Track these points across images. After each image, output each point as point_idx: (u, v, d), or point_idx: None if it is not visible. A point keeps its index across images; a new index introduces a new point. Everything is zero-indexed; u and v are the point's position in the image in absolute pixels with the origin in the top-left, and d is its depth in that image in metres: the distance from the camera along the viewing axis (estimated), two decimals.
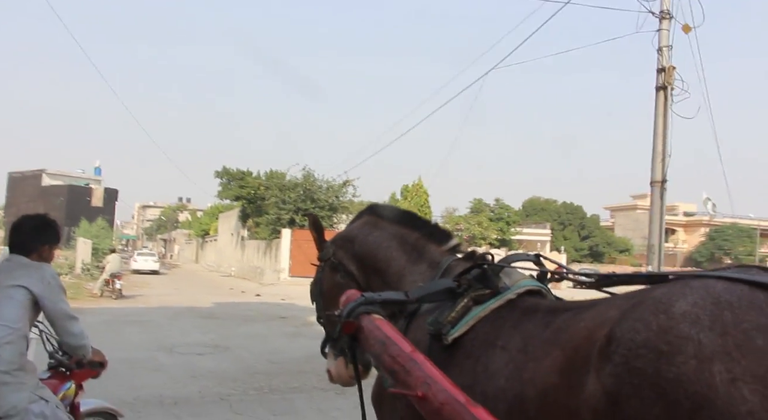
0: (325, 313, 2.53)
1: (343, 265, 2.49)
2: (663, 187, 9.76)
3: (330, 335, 2.47)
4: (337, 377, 2.42)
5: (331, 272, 2.53)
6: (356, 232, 2.55)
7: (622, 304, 1.28)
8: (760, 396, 0.95)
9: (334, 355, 2.43)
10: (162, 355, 9.24)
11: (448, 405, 1.18)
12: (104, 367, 3.23)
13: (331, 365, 2.45)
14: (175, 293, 21.76)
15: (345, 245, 2.54)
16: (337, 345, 2.41)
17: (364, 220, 2.59)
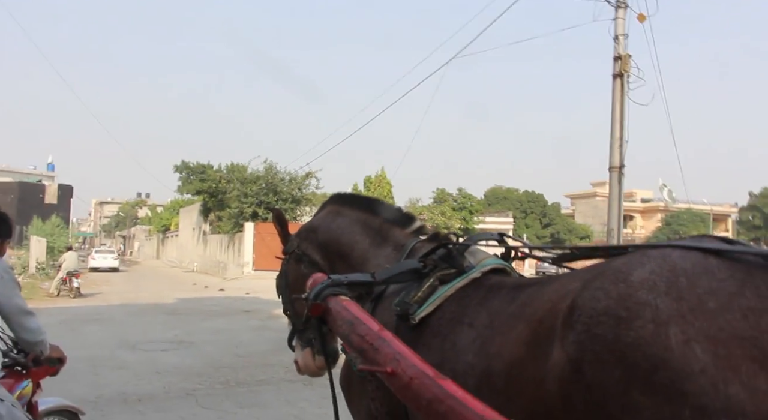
0: (291, 305, 2.53)
1: (307, 256, 2.49)
2: (621, 172, 10.03)
3: (296, 327, 2.47)
4: (304, 368, 2.42)
5: (296, 264, 2.53)
6: (319, 221, 2.57)
7: (584, 276, 1.32)
8: (711, 354, 0.99)
9: (301, 347, 2.44)
10: (124, 353, 9.07)
11: (416, 379, 1.19)
12: (63, 364, 3.15)
13: (299, 356, 2.45)
14: (137, 290, 21.33)
15: (309, 236, 2.55)
16: (304, 336, 2.42)
17: (327, 209, 2.60)
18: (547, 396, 1.25)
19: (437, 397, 1.12)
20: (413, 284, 1.83)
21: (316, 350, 2.32)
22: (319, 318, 1.69)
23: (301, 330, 2.44)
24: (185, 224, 45.25)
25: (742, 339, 0.98)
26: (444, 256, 1.85)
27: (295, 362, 2.49)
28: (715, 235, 1.24)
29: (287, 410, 6.08)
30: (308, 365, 2.40)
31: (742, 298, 1.03)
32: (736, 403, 0.94)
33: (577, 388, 1.16)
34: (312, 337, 2.32)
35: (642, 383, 1.04)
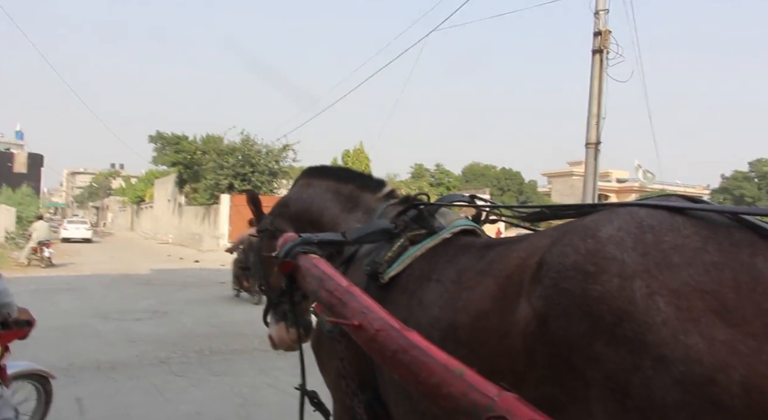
0: (265, 281, 2.56)
1: (280, 232, 2.50)
2: (597, 148, 10.13)
3: (271, 301, 2.49)
4: (279, 342, 2.44)
5: (270, 241, 2.54)
6: (290, 195, 2.60)
7: (553, 234, 1.34)
8: (673, 307, 1.01)
9: (275, 321, 2.46)
10: (97, 322, 9.00)
11: (383, 331, 1.21)
12: (32, 326, 3.11)
13: (273, 331, 2.47)
14: (110, 261, 21.10)
15: (281, 211, 2.58)
16: (278, 310, 2.44)
17: (298, 184, 2.63)
18: (511, 350, 1.27)
19: (402, 347, 1.14)
20: (384, 244, 1.84)
21: (289, 322, 2.35)
22: (289, 276, 1.70)
23: (276, 304, 2.46)
24: (160, 196, 44.66)
25: (704, 292, 1.01)
26: (415, 217, 1.86)
27: (269, 338, 2.51)
28: (681, 194, 1.26)
29: (261, 379, 6.12)
30: (282, 339, 2.42)
31: (705, 254, 1.06)
32: (694, 353, 0.97)
33: (541, 342, 1.19)
34: (286, 308, 2.34)
35: (606, 335, 1.06)
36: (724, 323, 0.98)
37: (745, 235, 1.07)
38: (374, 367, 1.79)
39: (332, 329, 1.77)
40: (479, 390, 0.97)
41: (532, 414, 0.89)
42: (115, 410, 4.98)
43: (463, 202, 1.99)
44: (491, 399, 0.94)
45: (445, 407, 1.01)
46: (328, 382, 2.08)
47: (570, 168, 65.11)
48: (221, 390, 5.66)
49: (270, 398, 5.46)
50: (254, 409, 5.11)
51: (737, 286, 1.00)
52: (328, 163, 18.53)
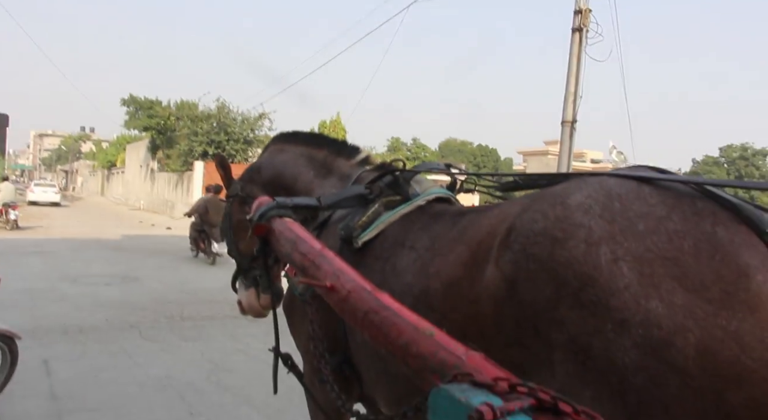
0: (235, 246, 2.55)
1: (251, 198, 2.48)
2: (573, 127, 10.24)
3: (241, 267, 2.48)
4: (248, 308, 2.45)
5: (240, 206, 2.53)
6: (262, 160, 2.57)
7: (524, 201, 1.36)
8: (636, 272, 1.05)
9: (245, 287, 2.46)
10: (65, 286, 8.89)
11: (354, 292, 1.22)
12: None
13: (242, 297, 2.47)
14: (79, 225, 20.75)
15: (253, 177, 2.55)
16: (249, 276, 2.43)
17: (270, 149, 2.60)
18: (480, 314, 1.30)
19: (373, 308, 1.16)
20: (358, 210, 1.85)
21: (261, 289, 2.35)
22: (263, 239, 1.70)
23: (246, 270, 2.45)
24: (132, 161, 43.88)
25: (666, 259, 1.04)
26: (390, 183, 1.87)
27: (238, 303, 2.52)
28: (650, 165, 1.29)
29: (232, 345, 6.15)
30: (252, 305, 2.43)
31: (669, 222, 1.09)
32: (653, 317, 1.00)
33: (509, 305, 1.22)
34: (257, 274, 2.35)
35: (571, 299, 1.09)
36: (684, 289, 1.01)
37: (707, 205, 1.10)
38: (345, 330, 1.81)
39: (304, 292, 1.78)
40: (448, 349, 1.00)
41: (497, 372, 0.92)
42: (83, 372, 4.95)
43: (438, 171, 2.00)
44: (459, 358, 0.97)
45: (414, 366, 1.03)
46: (300, 345, 2.10)
47: (546, 147, 65.61)
48: (192, 355, 5.67)
49: (240, 364, 5.49)
50: (224, 375, 5.14)
51: (698, 254, 1.03)
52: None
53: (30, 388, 4.50)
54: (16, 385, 4.26)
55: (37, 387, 4.56)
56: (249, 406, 4.41)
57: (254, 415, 4.27)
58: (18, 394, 4.31)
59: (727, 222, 1.06)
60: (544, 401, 0.81)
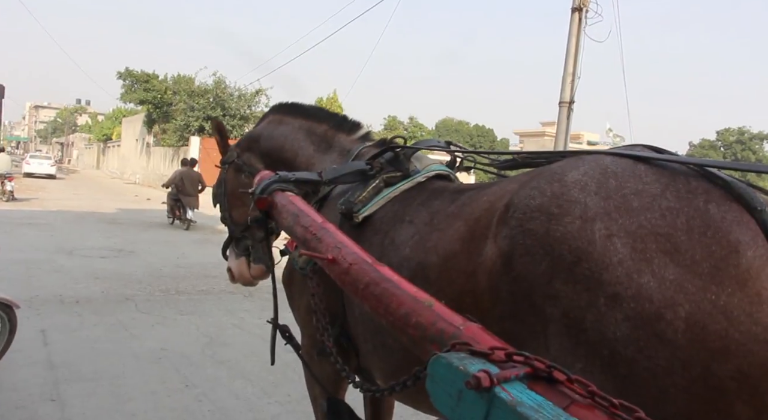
0: (229, 214, 2.55)
1: (248, 166, 2.48)
2: (570, 108, 10.21)
3: (234, 235, 2.50)
4: (238, 276, 2.47)
5: (235, 174, 2.53)
6: (261, 130, 2.54)
7: (522, 178, 1.38)
8: (629, 248, 1.07)
9: (236, 255, 2.48)
10: (61, 257, 8.91)
11: (355, 265, 1.25)
12: None
13: (233, 265, 2.49)
14: (75, 198, 20.70)
15: (251, 146, 2.53)
16: (240, 245, 2.45)
17: (269, 119, 2.57)
18: (477, 288, 1.33)
19: (374, 280, 1.18)
20: (359, 185, 1.87)
21: (252, 259, 2.38)
22: (265, 212, 1.72)
23: (238, 239, 2.47)
24: (128, 135, 43.59)
25: (658, 235, 1.07)
26: (391, 159, 1.89)
27: (228, 270, 2.53)
28: (647, 145, 1.31)
29: (227, 319, 6.20)
30: (243, 273, 2.45)
31: (663, 200, 1.11)
32: (645, 291, 1.03)
33: (505, 280, 1.25)
34: (249, 244, 2.37)
35: (565, 274, 1.12)
36: (675, 264, 1.04)
37: (701, 184, 1.13)
38: (343, 303, 1.85)
39: (304, 266, 1.80)
40: (446, 320, 1.03)
41: (493, 341, 0.95)
42: (80, 343, 5.00)
43: (438, 148, 2.01)
44: (457, 328, 1.00)
45: (413, 336, 1.07)
46: (298, 318, 2.14)
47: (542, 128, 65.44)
48: (187, 328, 5.72)
49: (235, 338, 5.55)
50: (219, 348, 5.19)
51: (690, 230, 1.06)
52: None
53: (28, 356, 4.55)
54: (15, 353, 4.31)
55: (35, 356, 4.60)
56: (244, 380, 4.47)
57: (249, 387, 4.33)
58: (17, 362, 4.36)
59: (720, 200, 1.09)
60: (539, 369, 0.84)
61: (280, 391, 4.29)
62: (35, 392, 3.92)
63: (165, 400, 3.99)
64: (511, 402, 0.77)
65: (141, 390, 4.11)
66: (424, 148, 1.97)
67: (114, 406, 3.80)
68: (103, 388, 4.08)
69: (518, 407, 0.76)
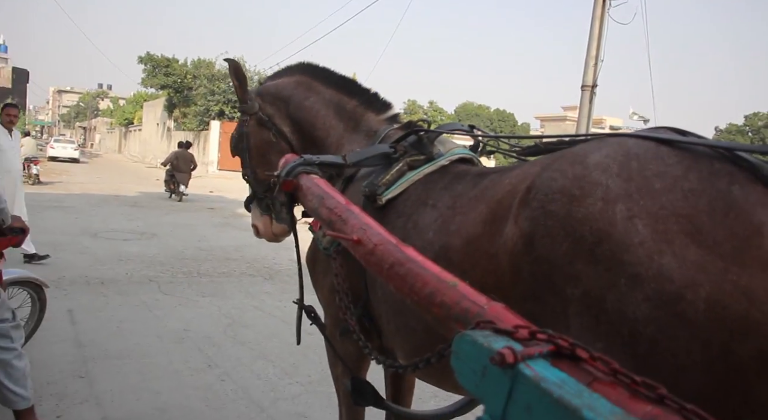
0: (252, 171, 2.52)
1: (274, 125, 2.44)
2: (593, 91, 10.09)
3: (256, 195, 2.52)
4: (263, 232, 2.51)
5: (259, 128, 2.47)
6: (290, 91, 2.45)
7: (544, 161, 1.39)
8: (650, 229, 1.08)
9: (259, 212, 2.51)
10: (86, 240, 9.09)
11: (380, 245, 1.27)
12: (26, 234, 3.14)
13: (257, 221, 2.52)
14: (98, 181, 21.02)
15: (277, 103, 2.47)
16: (263, 203, 2.48)
17: (296, 79, 2.48)
18: (498, 269, 1.35)
19: (399, 260, 1.20)
20: (383, 168, 1.89)
21: (275, 218, 2.42)
22: (290, 194, 1.75)
23: (261, 198, 2.49)
24: (149, 119, 43.99)
25: (680, 216, 1.07)
26: (414, 142, 1.90)
27: (253, 226, 2.57)
28: (670, 127, 1.30)
29: (248, 301, 6.29)
30: (267, 231, 2.50)
31: (686, 181, 1.11)
32: (666, 271, 1.04)
33: (526, 260, 1.26)
34: (270, 203, 2.41)
35: (586, 255, 1.13)
36: (696, 245, 1.04)
37: (725, 166, 1.12)
38: (366, 284, 1.88)
39: (328, 247, 1.84)
40: (470, 299, 1.05)
41: (517, 320, 0.97)
42: (106, 323, 5.12)
43: (461, 132, 2.02)
44: (481, 307, 1.02)
45: (437, 314, 1.09)
46: (322, 298, 2.18)
47: (564, 112, 64.73)
48: (209, 310, 5.82)
49: (256, 320, 5.64)
50: (241, 330, 5.28)
51: (712, 211, 1.06)
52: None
53: (57, 335, 4.67)
54: (44, 331, 4.43)
55: (63, 334, 4.73)
56: (265, 360, 4.55)
57: (270, 368, 4.41)
58: (46, 340, 4.49)
59: (744, 181, 1.08)
60: (563, 347, 0.86)
61: (301, 372, 4.37)
62: (65, 369, 4.04)
63: (188, 379, 4.08)
64: (534, 377, 0.79)
65: (165, 369, 4.21)
66: (447, 131, 1.98)
67: (139, 383, 3.91)
68: (129, 367, 4.19)
69: (541, 383, 0.78)
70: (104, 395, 3.69)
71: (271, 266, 8.24)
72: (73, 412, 3.44)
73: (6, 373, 2.90)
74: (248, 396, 3.87)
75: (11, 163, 7.18)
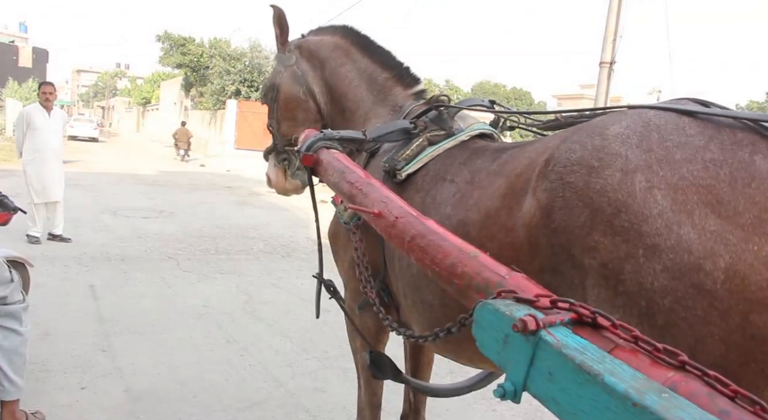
0: (277, 123, 2.53)
1: (307, 84, 2.44)
2: (611, 69, 9.90)
3: (276, 147, 2.54)
4: (275, 184, 2.55)
5: (292, 82, 2.47)
6: (328, 53, 2.44)
7: (564, 134, 1.39)
8: (670, 200, 1.08)
9: (275, 164, 2.54)
10: (106, 217, 9.22)
11: (402, 218, 1.28)
12: (16, 212, 3.05)
13: (272, 172, 2.56)
14: (117, 160, 21.21)
15: (312, 62, 2.46)
16: (279, 157, 2.52)
17: (335, 41, 2.46)
18: (517, 242, 1.35)
19: (420, 233, 1.22)
20: (403, 143, 1.89)
21: (291, 174, 2.46)
22: (310, 169, 1.76)
23: (279, 152, 2.53)
24: (166, 98, 44.15)
25: (700, 187, 1.07)
26: (434, 118, 1.90)
27: (266, 175, 2.60)
28: (693, 98, 1.29)
29: (265, 279, 6.36)
30: (279, 182, 2.54)
31: (707, 152, 1.10)
32: (684, 242, 1.04)
33: (544, 232, 1.27)
34: (286, 158, 2.45)
35: (604, 226, 1.13)
36: (716, 215, 1.04)
37: (747, 135, 1.11)
38: (385, 259, 1.89)
39: (348, 221, 1.85)
40: (491, 269, 1.06)
41: (537, 290, 0.98)
42: (127, 298, 5.21)
43: (482, 107, 2.01)
44: (502, 277, 1.03)
45: (459, 285, 1.10)
46: (342, 272, 2.20)
47: (581, 91, 63.84)
48: (227, 287, 5.89)
49: (274, 296, 5.70)
50: (259, 306, 5.35)
51: (733, 181, 1.05)
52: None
53: (80, 309, 4.77)
54: (67, 306, 4.53)
55: (86, 309, 4.82)
56: (283, 336, 4.62)
57: (288, 344, 4.47)
58: (70, 314, 4.59)
59: (767, 151, 1.07)
60: (584, 315, 0.87)
61: (317, 347, 4.42)
62: (88, 342, 4.13)
63: (208, 353, 4.15)
64: (556, 344, 0.80)
65: (185, 344, 4.29)
66: (467, 107, 1.97)
67: (160, 358, 3.98)
68: (150, 341, 4.27)
69: (564, 349, 0.79)
70: (126, 368, 3.78)
71: (288, 244, 8.31)
72: (97, 384, 3.52)
73: (9, 361, 2.74)
74: (266, 371, 3.94)
75: (46, 142, 7.25)
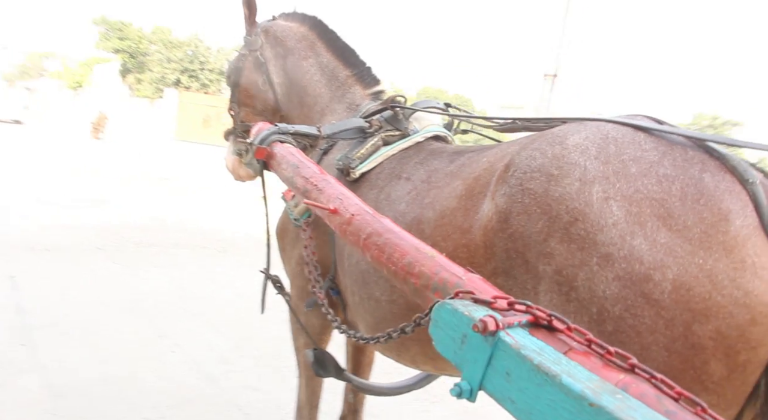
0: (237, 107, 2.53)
1: (268, 73, 2.43)
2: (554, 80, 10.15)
3: (234, 132, 2.55)
4: (232, 169, 2.58)
5: (254, 69, 2.46)
6: (293, 44, 2.42)
7: (523, 141, 1.42)
8: (624, 211, 1.12)
9: (232, 151, 2.55)
10: (30, 204, 8.73)
11: (358, 215, 1.28)
12: None
13: (229, 159, 2.57)
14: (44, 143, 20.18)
15: (277, 50, 2.44)
16: (236, 144, 2.53)
17: (303, 32, 2.44)
18: (471, 243, 1.37)
19: (376, 231, 1.21)
20: (358, 142, 1.89)
21: (246, 162, 2.45)
22: (263, 162, 1.73)
23: (237, 136, 2.54)
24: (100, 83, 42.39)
25: (653, 200, 1.12)
26: (390, 118, 1.91)
27: (225, 160, 2.60)
28: (647, 115, 1.34)
29: (201, 273, 6.20)
30: (235, 170, 2.56)
31: (660, 167, 1.16)
32: (636, 252, 1.09)
33: (500, 236, 1.29)
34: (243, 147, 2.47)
35: (561, 233, 1.17)
36: (667, 228, 1.09)
37: (697, 154, 1.18)
38: (334, 257, 1.88)
39: (299, 217, 1.83)
40: (449, 270, 1.07)
41: (494, 291, 0.99)
42: (51, 291, 4.96)
43: (437, 109, 2.03)
44: (459, 278, 1.04)
45: (415, 284, 1.10)
46: (289, 269, 2.17)
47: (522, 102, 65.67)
48: (160, 280, 5.71)
49: (209, 292, 5.56)
50: (193, 302, 5.20)
51: (684, 197, 1.11)
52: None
53: None
54: None
55: (4, 301, 4.56)
56: (216, 332, 4.51)
57: (222, 340, 4.37)
58: None
59: (714, 170, 1.14)
60: (540, 318, 0.89)
61: (252, 344, 4.35)
62: (4, 336, 3.90)
63: (138, 349, 4.01)
64: (515, 345, 0.82)
65: (114, 339, 4.12)
66: (421, 109, 1.98)
67: (86, 353, 3.81)
68: (75, 336, 4.07)
69: (522, 350, 0.80)
70: (48, 364, 3.59)
71: (225, 239, 8.13)
72: (16, 381, 3.33)
73: None
74: (199, 367, 3.84)
75: None
